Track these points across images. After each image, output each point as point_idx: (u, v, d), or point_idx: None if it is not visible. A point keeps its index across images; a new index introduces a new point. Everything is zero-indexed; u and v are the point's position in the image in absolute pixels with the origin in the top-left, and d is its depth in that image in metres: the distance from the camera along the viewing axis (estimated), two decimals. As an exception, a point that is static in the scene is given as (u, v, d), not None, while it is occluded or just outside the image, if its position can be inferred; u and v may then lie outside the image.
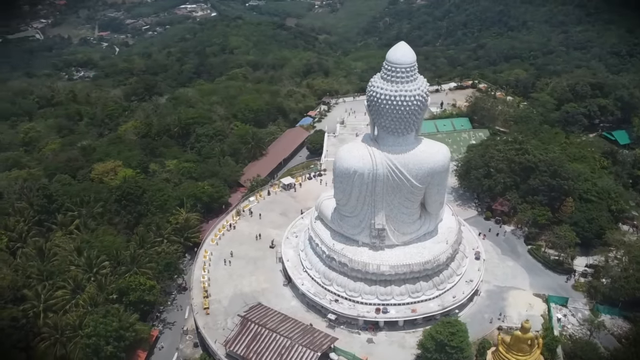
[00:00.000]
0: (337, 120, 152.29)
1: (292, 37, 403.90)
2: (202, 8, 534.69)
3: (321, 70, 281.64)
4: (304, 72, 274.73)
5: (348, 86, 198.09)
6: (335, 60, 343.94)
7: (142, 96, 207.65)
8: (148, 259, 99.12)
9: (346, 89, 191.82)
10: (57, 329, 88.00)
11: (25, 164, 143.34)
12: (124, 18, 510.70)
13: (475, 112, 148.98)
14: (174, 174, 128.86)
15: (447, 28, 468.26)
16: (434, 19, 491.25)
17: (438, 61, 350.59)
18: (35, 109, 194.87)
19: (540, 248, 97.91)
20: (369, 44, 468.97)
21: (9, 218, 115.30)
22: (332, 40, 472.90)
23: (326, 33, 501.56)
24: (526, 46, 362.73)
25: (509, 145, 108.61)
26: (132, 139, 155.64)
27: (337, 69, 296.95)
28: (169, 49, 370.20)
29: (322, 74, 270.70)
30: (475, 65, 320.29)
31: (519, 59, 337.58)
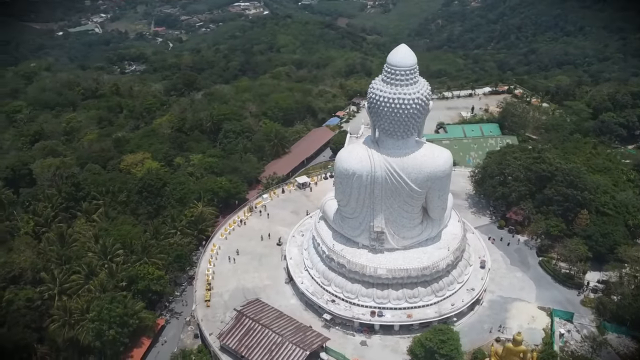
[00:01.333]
0: (362, 121, 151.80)
1: (339, 37, 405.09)
2: (255, 6, 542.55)
3: (364, 70, 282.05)
4: (346, 72, 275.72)
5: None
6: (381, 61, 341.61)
7: (182, 91, 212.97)
8: (159, 250, 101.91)
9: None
10: (67, 312, 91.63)
11: (60, 153, 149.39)
12: (179, 14, 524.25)
13: (506, 118, 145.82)
14: (197, 168, 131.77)
15: (500, 31, 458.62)
16: (488, 22, 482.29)
17: (487, 65, 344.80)
18: (80, 100, 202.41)
19: (552, 260, 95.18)
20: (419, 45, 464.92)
21: (38, 203, 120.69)
22: (382, 41, 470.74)
23: (377, 34, 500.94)
24: (581, 52, 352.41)
25: (526, 153, 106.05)
26: (165, 132, 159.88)
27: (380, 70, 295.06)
28: (218, 45, 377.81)
29: (364, 75, 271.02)
30: (525, 71, 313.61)
31: (572, 65, 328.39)
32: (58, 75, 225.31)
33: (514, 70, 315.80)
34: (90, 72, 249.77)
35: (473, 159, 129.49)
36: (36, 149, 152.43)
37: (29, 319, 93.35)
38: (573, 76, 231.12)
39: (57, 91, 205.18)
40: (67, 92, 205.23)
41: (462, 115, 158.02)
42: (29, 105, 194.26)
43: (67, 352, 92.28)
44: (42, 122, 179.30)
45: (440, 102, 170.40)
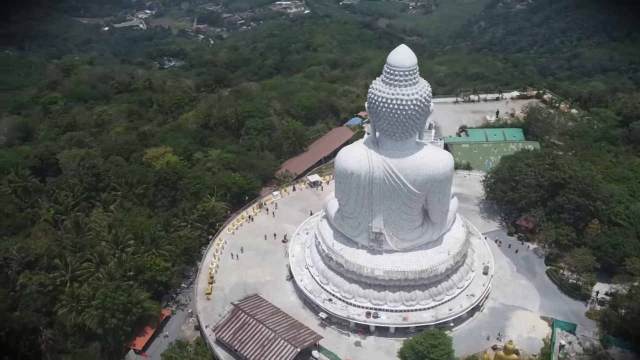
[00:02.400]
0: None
1: (377, 37, 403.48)
2: (297, 5, 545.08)
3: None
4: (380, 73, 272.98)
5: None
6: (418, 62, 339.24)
7: (212, 88, 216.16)
8: (168, 242, 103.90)
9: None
10: (74, 298, 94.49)
11: (87, 144, 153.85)
12: (222, 12, 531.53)
13: (530, 124, 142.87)
14: (215, 163, 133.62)
15: (544, 35, 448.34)
16: (532, 25, 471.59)
17: (527, 69, 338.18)
18: (113, 94, 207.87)
19: (559, 270, 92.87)
20: (459, 48, 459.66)
21: (60, 192, 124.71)
22: (422, 42, 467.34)
23: (417, 35, 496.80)
24: (627, 58, 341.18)
25: (539, 159, 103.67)
26: (191, 127, 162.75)
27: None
28: (256, 43, 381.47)
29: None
30: (567, 76, 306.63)
31: (616, 72, 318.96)
32: (94, 69, 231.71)
33: (555, 75, 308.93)
34: (126, 67, 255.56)
35: (492, 164, 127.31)
36: (64, 140, 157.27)
37: (40, 303, 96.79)
38: (615, 82, 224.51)
39: (92, 84, 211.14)
40: (101, 85, 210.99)
41: (486, 119, 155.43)
42: (64, 97, 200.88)
43: (74, 337, 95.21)
44: (75, 114, 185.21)
45: (466, 105, 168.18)
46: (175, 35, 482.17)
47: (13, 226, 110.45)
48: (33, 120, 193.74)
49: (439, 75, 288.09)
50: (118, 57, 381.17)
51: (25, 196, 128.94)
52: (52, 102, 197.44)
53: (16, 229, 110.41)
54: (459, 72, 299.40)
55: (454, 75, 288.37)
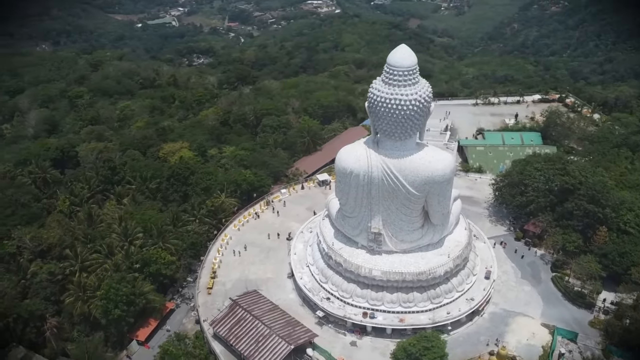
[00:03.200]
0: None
1: (406, 37, 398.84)
2: (328, 4, 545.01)
3: (423, 72, 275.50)
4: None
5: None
6: (446, 64, 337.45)
7: (235, 85, 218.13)
8: (175, 236, 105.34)
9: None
10: (81, 288, 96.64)
11: (107, 138, 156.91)
12: (253, 10, 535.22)
13: (549, 128, 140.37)
14: (228, 160, 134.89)
15: (578, 38, 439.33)
16: (566, 28, 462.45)
17: (558, 72, 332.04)
18: (137, 89, 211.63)
19: (565, 277, 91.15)
20: (491, 50, 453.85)
21: (77, 184, 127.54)
22: (453, 44, 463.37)
23: (448, 36, 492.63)
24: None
25: (549, 164, 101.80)
26: (210, 124, 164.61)
27: (442, 73, 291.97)
28: (284, 42, 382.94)
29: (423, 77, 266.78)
30: (599, 80, 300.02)
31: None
32: (120, 65, 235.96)
33: (587, 80, 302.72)
34: (151, 63, 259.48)
35: (506, 167, 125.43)
36: (84, 133, 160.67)
37: (49, 292, 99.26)
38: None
39: (118, 80, 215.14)
40: (126, 81, 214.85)
41: (505, 122, 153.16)
42: (90, 91, 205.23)
43: (80, 326, 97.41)
44: (99, 108, 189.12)
45: (485, 107, 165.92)
46: (206, 33, 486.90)
47: (28, 215, 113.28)
48: (59, 114, 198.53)
49: (467, 77, 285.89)
50: (149, 54, 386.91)
51: (45, 187, 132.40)
52: (78, 96, 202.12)
53: (31, 219, 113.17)
54: (487, 74, 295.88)
55: (482, 78, 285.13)
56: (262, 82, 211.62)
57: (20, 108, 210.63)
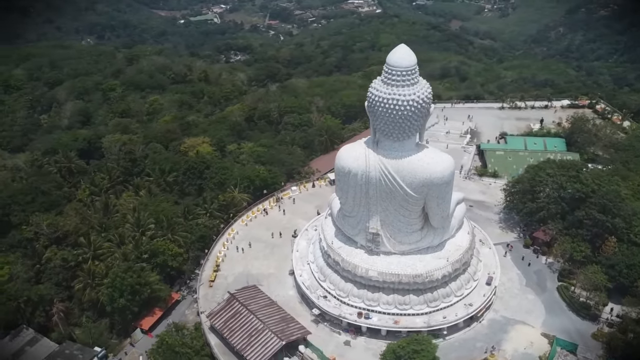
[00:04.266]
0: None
1: (445, 39, 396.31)
2: (369, 4, 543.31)
3: (458, 75, 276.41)
4: (440, 75, 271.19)
5: (451, 92, 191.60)
6: (484, 66, 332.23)
7: (264, 82, 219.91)
8: (184, 228, 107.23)
9: (449, 95, 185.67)
10: (90, 275, 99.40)
11: (132, 130, 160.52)
12: (294, 9, 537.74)
13: (574, 134, 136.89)
14: (246, 156, 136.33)
15: (626, 43, 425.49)
16: (614, 32, 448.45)
17: (601, 78, 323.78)
18: (169, 84, 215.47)
19: (571, 287, 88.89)
20: (533, 53, 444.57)
21: (99, 174, 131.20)
22: (494, 46, 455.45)
23: (490, 38, 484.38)
24: None
25: (562, 171, 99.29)
26: (234, 120, 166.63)
27: (478, 76, 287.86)
28: (321, 41, 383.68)
29: (457, 79, 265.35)
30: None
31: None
32: (154, 60, 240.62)
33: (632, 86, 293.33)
34: (185, 59, 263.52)
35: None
36: (111, 125, 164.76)
37: (61, 278, 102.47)
38: None
39: (150, 74, 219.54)
40: (158, 75, 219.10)
41: (530, 127, 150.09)
42: (122, 84, 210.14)
43: (88, 312, 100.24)
44: (130, 102, 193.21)
45: (511, 111, 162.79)
46: (247, 30, 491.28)
47: (47, 203, 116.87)
48: (93, 106, 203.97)
49: (505, 80, 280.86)
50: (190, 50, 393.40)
51: (69, 176, 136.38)
52: (111, 89, 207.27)
53: (50, 206, 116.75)
54: (527, 78, 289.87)
55: (521, 81, 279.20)
56: (289, 80, 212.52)
57: (58, 99, 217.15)
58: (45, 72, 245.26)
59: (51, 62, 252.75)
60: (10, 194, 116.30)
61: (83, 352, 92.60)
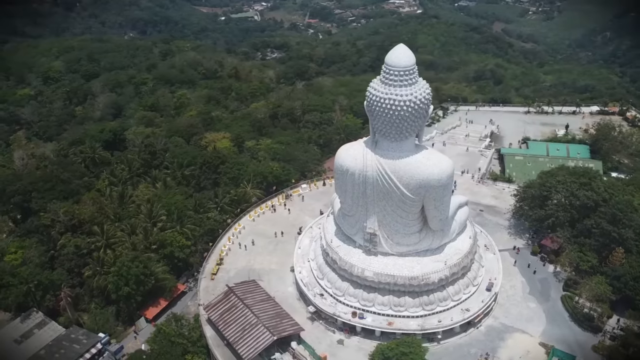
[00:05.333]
0: (435, 126, 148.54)
1: (484, 41, 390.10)
2: (410, 4, 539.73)
3: (494, 78, 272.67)
4: (475, 78, 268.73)
5: (477, 95, 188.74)
6: (523, 70, 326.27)
7: (292, 80, 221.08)
8: (193, 221, 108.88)
9: (474, 97, 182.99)
10: (99, 263, 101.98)
11: (156, 124, 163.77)
12: (334, 8, 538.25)
13: (598, 141, 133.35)
14: (264, 152, 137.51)
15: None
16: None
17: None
18: (199, 79, 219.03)
19: (575, 297, 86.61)
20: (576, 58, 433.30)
21: (119, 165, 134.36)
22: (536, 49, 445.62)
23: (533, 42, 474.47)
24: None
25: (574, 177, 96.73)
26: (258, 116, 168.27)
27: (514, 79, 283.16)
28: (357, 40, 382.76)
29: (492, 82, 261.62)
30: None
31: None
32: (186, 55, 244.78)
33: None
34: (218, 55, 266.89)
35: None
36: (137, 118, 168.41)
37: (73, 264, 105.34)
38: None
39: (181, 69, 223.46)
40: (189, 70, 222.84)
41: (556, 133, 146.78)
42: (154, 78, 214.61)
43: (97, 299, 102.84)
44: (159, 96, 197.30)
45: (537, 116, 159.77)
46: (286, 28, 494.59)
47: (66, 191, 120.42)
48: (125, 99, 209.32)
49: (544, 84, 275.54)
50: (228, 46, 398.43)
51: (93, 166, 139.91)
52: (143, 83, 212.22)
53: (68, 194, 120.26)
54: (566, 83, 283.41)
55: (560, 86, 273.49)
56: (316, 79, 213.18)
57: (93, 91, 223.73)
58: (83, 65, 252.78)
59: (89, 55, 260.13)
60: (31, 181, 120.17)
61: (88, 337, 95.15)
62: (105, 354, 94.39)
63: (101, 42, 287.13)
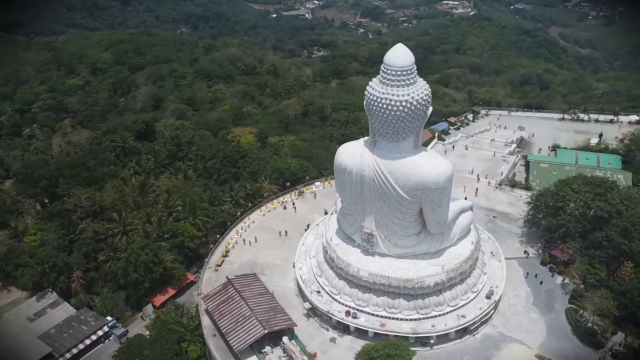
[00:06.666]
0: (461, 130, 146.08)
1: (535, 45, 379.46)
2: (464, 6, 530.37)
3: (540, 83, 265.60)
4: (520, 83, 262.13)
5: (520, 100, 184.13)
6: (574, 76, 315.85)
7: (328, 78, 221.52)
8: (206, 213, 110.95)
9: (508, 102, 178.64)
10: (112, 249, 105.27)
11: (188, 117, 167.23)
12: (386, 8, 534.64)
13: (631, 152, 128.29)
14: (286, 148, 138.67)
15: None
16: None
17: None
18: (237, 75, 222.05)
19: (579, 310, 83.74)
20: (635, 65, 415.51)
21: (146, 155, 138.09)
22: (593, 55, 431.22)
23: (591, 47, 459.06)
24: None
25: (588, 187, 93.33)
26: (289, 113, 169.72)
27: (562, 86, 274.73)
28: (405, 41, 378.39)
29: (538, 88, 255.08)
30: None
31: None
32: (227, 51, 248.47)
33: None
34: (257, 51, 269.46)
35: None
36: (169, 110, 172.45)
37: (90, 249, 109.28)
38: None
39: (220, 64, 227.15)
40: (228, 66, 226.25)
41: (589, 141, 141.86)
42: (194, 73, 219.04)
43: (110, 284, 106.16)
44: (196, 90, 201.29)
45: (572, 123, 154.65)
46: (336, 27, 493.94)
47: (90, 178, 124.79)
48: (164, 91, 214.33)
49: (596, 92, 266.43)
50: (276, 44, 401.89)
51: (123, 156, 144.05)
52: (182, 76, 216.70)
53: (92, 181, 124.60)
54: (620, 91, 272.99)
55: (613, 94, 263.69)
56: (350, 78, 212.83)
57: (137, 84, 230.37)
58: (130, 57, 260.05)
59: (136, 48, 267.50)
60: (58, 167, 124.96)
61: (96, 319, 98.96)
62: (111, 337, 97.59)
63: (149, 35, 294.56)
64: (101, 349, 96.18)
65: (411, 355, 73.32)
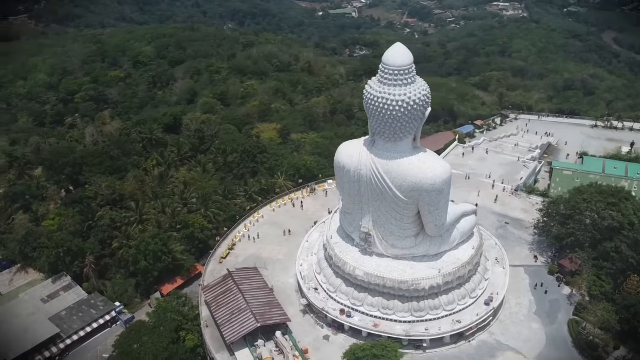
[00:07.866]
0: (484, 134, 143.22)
1: (585, 49, 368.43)
2: (515, 8, 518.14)
3: (584, 89, 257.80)
4: (563, 87, 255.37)
5: (544, 104, 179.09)
6: (625, 83, 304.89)
7: (361, 77, 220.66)
8: (218, 206, 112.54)
9: (541, 106, 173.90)
10: (126, 237, 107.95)
11: (216, 111, 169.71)
12: (434, 8, 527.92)
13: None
14: (307, 145, 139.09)
15: None
16: None
17: None
18: (271, 71, 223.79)
19: (582, 322, 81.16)
20: None
21: (170, 148, 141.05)
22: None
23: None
24: None
25: (601, 197, 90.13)
26: (317, 111, 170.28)
27: (608, 92, 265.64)
28: (451, 42, 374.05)
29: (581, 94, 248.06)
30: None
31: None
32: (263, 47, 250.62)
33: None
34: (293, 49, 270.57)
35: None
36: (199, 105, 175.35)
37: (106, 236, 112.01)
38: None
39: (255, 60, 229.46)
40: (263, 62, 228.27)
41: (620, 150, 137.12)
42: (228, 68, 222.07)
43: (122, 270, 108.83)
44: (230, 85, 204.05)
45: (604, 131, 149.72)
46: (382, 27, 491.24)
47: (112, 167, 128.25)
48: (200, 86, 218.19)
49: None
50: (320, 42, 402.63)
51: (150, 147, 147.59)
52: (217, 71, 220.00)
53: (114, 171, 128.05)
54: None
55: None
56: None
57: (175, 77, 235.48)
58: (171, 52, 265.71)
59: (178, 43, 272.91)
60: (82, 156, 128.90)
61: (106, 304, 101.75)
62: (118, 322, 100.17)
63: (192, 30, 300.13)
64: (107, 333, 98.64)
65: (399, 357, 72.65)
